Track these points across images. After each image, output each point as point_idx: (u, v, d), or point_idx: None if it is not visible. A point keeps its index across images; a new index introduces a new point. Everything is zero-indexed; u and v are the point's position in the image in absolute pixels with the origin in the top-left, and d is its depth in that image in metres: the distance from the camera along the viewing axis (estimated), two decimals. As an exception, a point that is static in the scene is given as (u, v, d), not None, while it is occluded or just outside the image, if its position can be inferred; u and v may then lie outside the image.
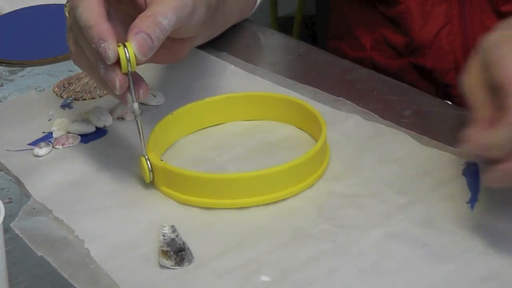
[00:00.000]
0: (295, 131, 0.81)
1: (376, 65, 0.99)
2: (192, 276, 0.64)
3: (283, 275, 0.64)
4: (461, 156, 0.72)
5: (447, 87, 0.96)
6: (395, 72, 0.97)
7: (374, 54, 1.00)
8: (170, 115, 0.80)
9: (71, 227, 0.70)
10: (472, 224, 0.67)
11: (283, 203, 0.72)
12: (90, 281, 0.64)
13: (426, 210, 0.69)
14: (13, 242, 0.69)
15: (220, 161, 0.78)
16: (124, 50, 0.69)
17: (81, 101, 0.90)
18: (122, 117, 0.86)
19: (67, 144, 0.82)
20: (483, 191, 0.70)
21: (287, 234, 0.68)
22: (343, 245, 0.66)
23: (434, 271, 0.63)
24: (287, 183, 0.72)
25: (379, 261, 0.64)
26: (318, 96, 0.85)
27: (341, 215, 0.69)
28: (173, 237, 0.67)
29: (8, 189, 0.77)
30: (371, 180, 0.73)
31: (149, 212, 0.72)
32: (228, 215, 0.71)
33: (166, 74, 0.92)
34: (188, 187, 0.72)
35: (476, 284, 0.61)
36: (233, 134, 0.82)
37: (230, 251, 0.66)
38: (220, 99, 0.83)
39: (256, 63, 0.93)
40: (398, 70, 0.98)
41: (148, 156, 0.73)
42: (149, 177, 0.73)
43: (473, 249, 0.64)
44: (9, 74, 0.98)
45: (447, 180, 0.72)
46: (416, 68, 0.97)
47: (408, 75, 0.97)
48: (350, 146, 0.78)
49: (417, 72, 0.97)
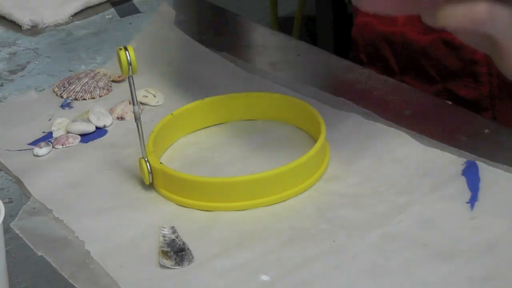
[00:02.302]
0: (295, 131, 0.81)
1: (406, 40, 0.99)
2: (192, 276, 0.64)
3: (283, 275, 0.64)
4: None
5: (475, 64, 0.95)
6: (425, 47, 0.96)
7: (406, 29, 1.00)
8: (170, 115, 0.80)
9: (71, 227, 0.70)
10: (472, 224, 0.67)
11: (283, 203, 0.72)
12: (90, 281, 0.64)
13: (426, 210, 0.69)
14: (13, 242, 0.69)
15: (220, 161, 0.78)
16: (125, 53, 0.69)
17: (81, 101, 0.90)
18: (122, 117, 0.86)
19: (67, 144, 0.82)
20: (483, 191, 0.70)
21: (287, 234, 0.68)
22: (343, 245, 0.66)
23: (434, 271, 0.63)
24: (286, 185, 0.72)
25: (379, 261, 0.64)
26: (318, 96, 0.85)
27: (341, 215, 0.69)
28: (173, 238, 0.67)
29: (8, 189, 0.77)
30: (371, 180, 0.73)
31: (149, 212, 0.72)
32: (228, 215, 0.71)
33: (166, 74, 0.92)
34: (187, 190, 0.72)
35: (476, 284, 0.61)
36: (233, 134, 0.82)
37: (230, 251, 0.66)
38: (220, 99, 0.83)
39: (256, 63, 0.93)
40: (428, 45, 0.97)
41: (147, 158, 0.73)
42: (148, 179, 0.74)
43: (473, 249, 0.64)
44: (9, 74, 0.98)
45: (447, 180, 0.72)
46: (446, 43, 0.97)
47: (437, 50, 0.96)
48: (350, 146, 0.78)
49: (447, 47, 0.97)
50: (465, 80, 0.95)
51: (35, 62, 1.00)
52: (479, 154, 0.74)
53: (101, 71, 0.93)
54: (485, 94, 0.94)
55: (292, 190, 0.72)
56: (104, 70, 0.93)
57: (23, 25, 1.09)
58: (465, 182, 0.71)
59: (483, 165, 0.72)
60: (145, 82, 0.89)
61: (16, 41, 1.06)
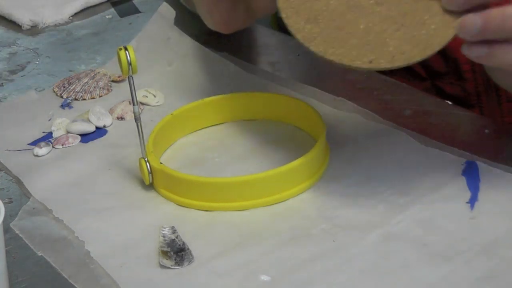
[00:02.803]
0: (295, 131, 0.81)
1: None
2: (192, 276, 0.64)
3: (283, 275, 0.64)
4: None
5: (458, 62, 0.95)
6: None
7: None
8: (170, 115, 0.80)
9: (71, 227, 0.70)
10: (472, 224, 0.67)
11: (283, 203, 0.72)
12: (90, 281, 0.64)
13: (426, 210, 0.69)
14: (13, 242, 0.69)
15: (220, 161, 0.78)
16: (125, 53, 0.69)
17: (81, 101, 0.90)
18: (122, 117, 0.86)
19: (67, 144, 0.82)
20: (483, 191, 0.70)
21: (287, 234, 0.68)
22: (343, 245, 0.66)
23: (434, 271, 0.63)
24: (286, 185, 0.72)
25: (379, 261, 0.64)
26: (318, 96, 0.85)
27: (341, 215, 0.69)
28: (173, 238, 0.67)
29: (8, 189, 0.77)
30: (371, 180, 0.73)
31: (149, 212, 0.72)
32: (228, 215, 0.71)
33: (166, 74, 0.92)
34: (187, 190, 0.72)
35: (476, 284, 0.61)
36: (233, 134, 0.82)
37: (230, 251, 0.66)
38: (220, 99, 0.83)
39: (256, 63, 0.94)
40: None
41: (147, 158, 0.73)
42: (148, 179, 0.74)
43: (473, 249, 0.64)
44: (9, 74, 0.98)
45: (447, 180, 0.72)
46: None
47: None
48: (350, 146, 0.78)
49: None
50: (450, 78, 0.95)
51: (35, 62, 1.00)
52: (479, 154, 0.74)
53: (101, 71, 0.93)
54: (471, 91, 0.94)
55: (292, 190, 0.72)
56: (104, 70, 0.93)
57: (23, 25, 1.09)
58: (465, 182, 0.71)
59: (483, 165, 0.72)
60: (145, 82, 0.89)
61: (16, 41, 1.06)
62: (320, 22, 0.67)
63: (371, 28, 0.67)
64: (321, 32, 0.67)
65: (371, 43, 0.66)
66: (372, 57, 0.65)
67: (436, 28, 0.65)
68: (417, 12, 0.66)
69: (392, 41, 0.66)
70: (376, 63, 0.65)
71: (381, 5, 0.67)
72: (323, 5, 0.68)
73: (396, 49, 0.65)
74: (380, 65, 0.65)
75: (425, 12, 0.66)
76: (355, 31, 0.67)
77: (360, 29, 0.67)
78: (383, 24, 0.66)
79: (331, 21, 0.67)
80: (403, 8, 0.67)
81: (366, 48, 0.66)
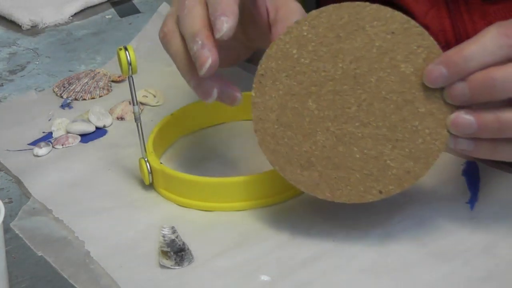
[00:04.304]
0: (295, 131, 0.81)
1: None
2: (192, 276, 0.64)
3: (283, 275, 0.64)
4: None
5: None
6: None
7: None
8: (170, 115, 0.80)
9: (71, 227, 0.70)
10: (472, 224, 0.67)
11: (283, 203, 0.72)
12: (90, 281, 0.64)
13: (426, 210, 0.69)
14: (13, 242, 0.69)
15: (219, 161, 0.78)
16: (125, 53, 0.69)
17: (81, 101, 0.90)
18: (122, 117, 0.86)
19: (67, 144, 0.82)
20: (483, 191, 0.70)
21: (287, 234, 0.68)
22: (343, 245, 0.66)
23: (434, 271, 0.63)
24: (286, 185, 0.72)
25: (379, 261, 0.64)
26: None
27: (341, 215, 0.69)
28: (173, 238, 0.67)
29: (8, 189, 0.77)
30: (371, 180, 0.73)
31: (149, 212, 0.72)
32: (227, 215, 0.71)
33: (166, 74, 0.92)
34: (187, 190, 0.72)
35: (476, 284, 0.61)
36: (233, 134, 0.82)
37: (230, 251, 0.66)
38: (220, 99, 0.83)
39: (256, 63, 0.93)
40: None
41: (147, 158, 0.73)
42: (148, 180, 0.74)
43: (473, 249, 0.64)
44: (9, 74, 0.98)
45: (447, 180, 0.72)
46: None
47: None
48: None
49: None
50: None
51: (35, 62, 1.00)
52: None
53: (101, 71, 0.93)
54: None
55: (292, 191, 0.72)
56: (104, 70, 0.93)
57: (23, 25, 1.09)
58: (465, 182, 0.72)
59: (483, 165, 0.72)
60: (145, 82, 0.89)
61: (16, 41, 1.06)
62: (315, 165, 0.65)
63: (368, 154, 0.64)
64: (321, 175, 0.65)
65: (373, 172, 0.64)
66: (380, 187, 0.64)
67: (431, 133, 0.63)
68: (406, 120, 0.63)
69: (393, 162, 0.64)
70: (387, 192, 0.64)
71: (368, 125, 0.64)
72: (311, 144, 0.65)
73: (400, 169, 0.64)
74: (390, 192, 0.64)
75: (414, 118, 0.62)
76: (352, 163, 0.64)
77: (357, 159, 0.64)
78: (377, 146, 0.64)
79: (326, 160, 0.65)
80: (391, 121, 0.63)
81: (371, 179, 0.64)
